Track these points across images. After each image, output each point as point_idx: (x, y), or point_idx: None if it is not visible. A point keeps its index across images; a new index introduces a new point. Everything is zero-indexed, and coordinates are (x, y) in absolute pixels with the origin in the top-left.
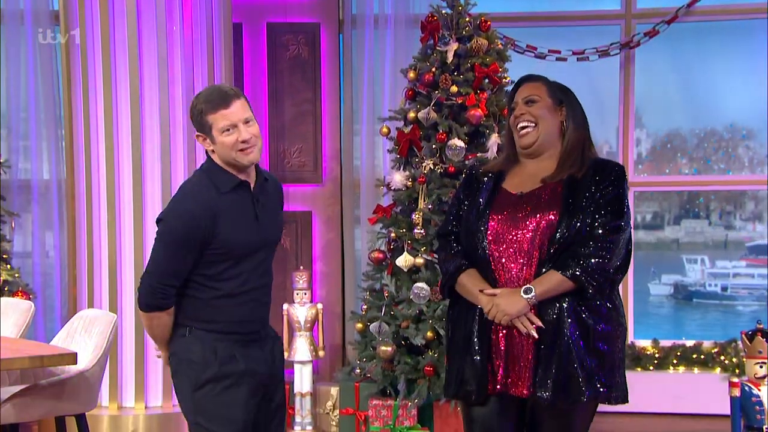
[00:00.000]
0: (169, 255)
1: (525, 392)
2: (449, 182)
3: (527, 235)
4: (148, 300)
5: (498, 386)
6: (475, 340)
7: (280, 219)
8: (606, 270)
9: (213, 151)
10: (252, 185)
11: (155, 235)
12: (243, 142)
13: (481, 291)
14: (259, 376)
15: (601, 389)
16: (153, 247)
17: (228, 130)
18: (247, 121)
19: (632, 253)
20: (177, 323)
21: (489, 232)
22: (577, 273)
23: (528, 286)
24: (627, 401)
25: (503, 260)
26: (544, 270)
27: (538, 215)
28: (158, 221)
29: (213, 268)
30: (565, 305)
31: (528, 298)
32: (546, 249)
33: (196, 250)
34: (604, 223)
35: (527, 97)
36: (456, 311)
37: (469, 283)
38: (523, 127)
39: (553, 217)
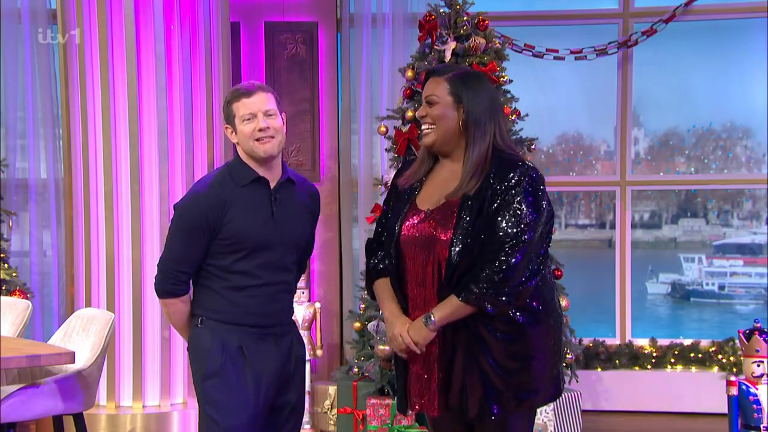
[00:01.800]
0: (179, 241)
1: (437, 411)
2: None
3: (429, 256)
4: (162, 285)
5: (416, 406)
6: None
7: (304, 222)
8: (511, 285)
9: (237, 143)
10: (273, 183)
11: (170, 224)
12: (260, 130)
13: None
14: (268, 371)
15: (518, 399)
16: (167, 234)
17: (248, 119)
18: (268, 113)
19: (547, 252)
20: (192, 313)
21: (398, 247)
22: (473, 297)
23: (428, 313)
24: (558, 397)
25: (408, 277)
26: (446, 288)
27: (438, 234)
28: (175, 209)
29: (224, 259)
30: (469, 322)
31: (429, 325)
32: (443, 269)
33: (205, 238)
34: (509, 234)
35: (428, 97)
36: None
37: (381, 295)
38: (424, 128)
39: (445, 238)
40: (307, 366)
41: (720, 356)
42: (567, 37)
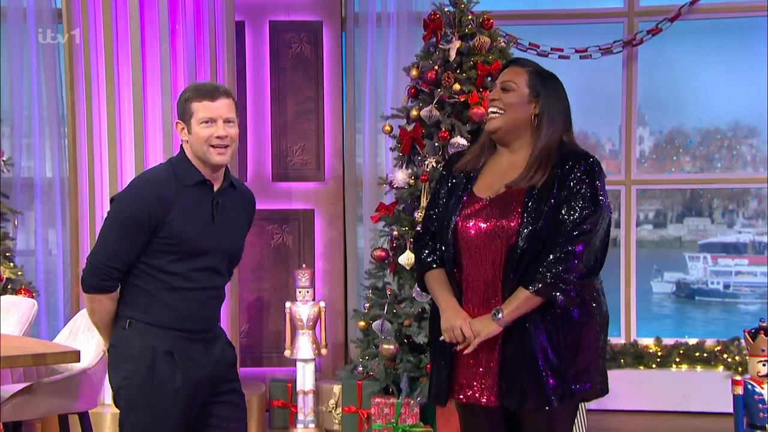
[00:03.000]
0: (114, 235)
1: (492, 400)
2: None
3: (491, 244)
4: (90, 280)
5: (461, 396)
6: (441, 343)
7: (241, 230)
8: (575, 276)
9: (187, 141)
10: (216, 187)
11: (106, 215)
12: (218, 137)
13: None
14: (198, 376)
15: (572, 392)
16: (101, 227)
17: (207, 122)
18: (228, 120)
19: (608, 246)
20: (118, 315)
21: (456, 236)
22: (542, 288)
23: (497, 308)
24: (606, 393)
25: (469, 266)
26: (511, 276)
27: (502, 222)
28: (112, 200)
29: (159, 259)
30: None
31: (497, 320)
32: (509, 257)
33: (143, 235)
34: (572, 222)
35: (504, 83)
36: (433, 309)
37: (434, 286)
38: (492, 113)
39: (514, 225)
40: (312, 365)
41: (725, 355)
42: (572, 36)
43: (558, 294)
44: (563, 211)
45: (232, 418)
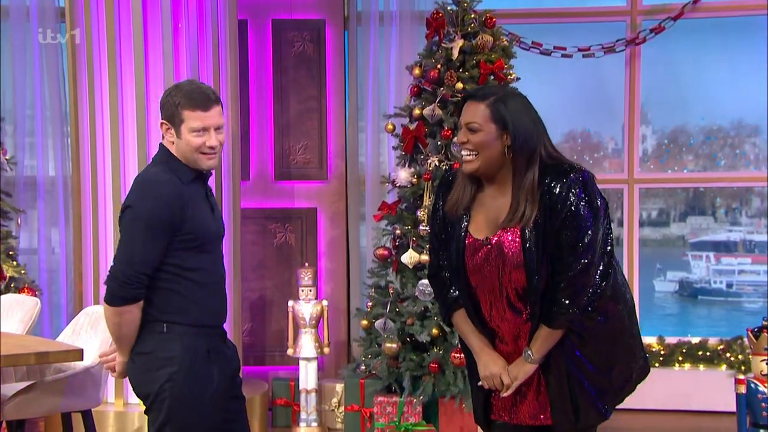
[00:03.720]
0: (141, 242)
1: (528, 420)
2: None
3: (502, 285)
4: (123, 292)
5: (502, 414)
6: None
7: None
8: (589, 293)
9: (172, 143)
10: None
11: (123, 224)
12: (210, 147)
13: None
14: (229, 371)
15: (607, 405)
16: (122, 237)
17: (199, 132)
18: (218, 128)
19: (613, 246)
20: (149, 320)
21: (468, 277)
22: (560, 321)
23: (526, 348)
24: (648, 371)
25: (485, 308)
26: (533, 317)
27: (505, 264)
28: (126, 208)
29: (180, 257)
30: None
31: (529, 360)
32: (520, 295)
33: (167, 236)
34: (568, 240)
35: (469, 124)
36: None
37: (465, 329)
38: (466, 156)
39: (516, 264)
40: (315, 364)
41: (728, 354)
42: (575, 35)
43: (575, 321)
44: (563, 233)
45: (243, 410)
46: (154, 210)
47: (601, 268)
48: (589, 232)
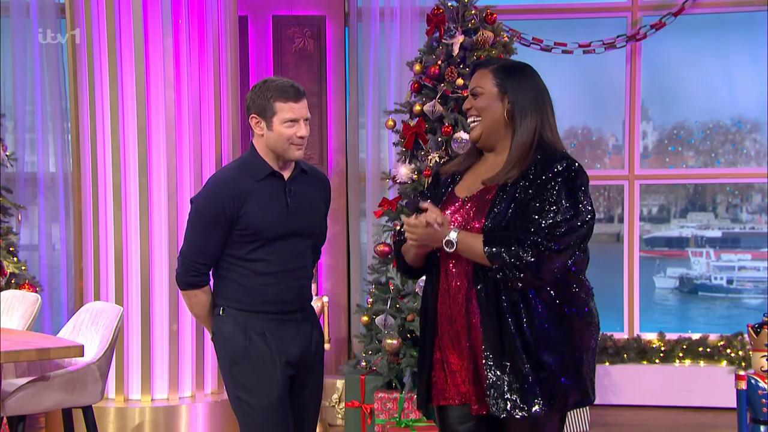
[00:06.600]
0: (196, 234)
1: (476, 408)
2: None
3: None
4: (183, 278)
5: (441, 400)
6: (424, 346)
7: (318, 211)
8: (533, 261)
9: (262, 135)
10: (287, 176)
11: (188, 217)
12: (300, 137)
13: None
14: (291, 355)
15: (551, 399)
16: (186, 228)
17: (290, 122)
18: (306, 120)
19: (587, 252)
20: (214, 303)
21: None
22: (496, 252)
23: (456, 229)
24: (591, 402)
25: (449, 265)
26: (480, 285)
27: (471, 223)
28: (190, 203)
29: (242, 249)
30: (510, 318)
31: (448, 240)
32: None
33: (222, 230)
34: (539, 223)
35: (473, 89)
36: (422, 306)
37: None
38: (471, 122)
39: (477, 226)
40: None
41: (729, 350)
42: (575, 31)
43: (505, 264)
44: (535, 211)
45: (302, 395)
46: (206, 207)
47: (555, 246)
48: (562, 223)
